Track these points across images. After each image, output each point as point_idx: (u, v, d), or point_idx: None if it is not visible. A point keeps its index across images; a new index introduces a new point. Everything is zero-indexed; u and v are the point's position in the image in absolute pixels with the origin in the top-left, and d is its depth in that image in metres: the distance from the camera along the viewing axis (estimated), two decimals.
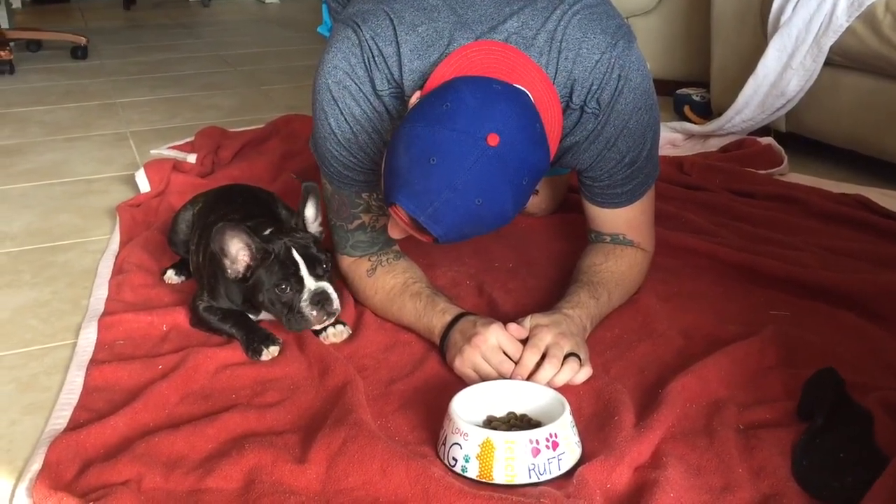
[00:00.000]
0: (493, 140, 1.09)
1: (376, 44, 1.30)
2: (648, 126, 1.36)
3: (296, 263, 1.31)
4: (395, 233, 1.25)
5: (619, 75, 1.29)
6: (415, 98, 1.23)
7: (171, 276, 1.60)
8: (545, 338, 1.23)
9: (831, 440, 1.07)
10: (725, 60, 2.48)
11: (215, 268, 1.38)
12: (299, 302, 1.31)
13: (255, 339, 1.34)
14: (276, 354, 1.33)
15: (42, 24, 4.56)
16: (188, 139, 2.46)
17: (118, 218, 1.91)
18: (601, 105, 1.30)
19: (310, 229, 1.40)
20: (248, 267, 1.33)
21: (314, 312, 1.31)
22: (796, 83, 2.18)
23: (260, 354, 1.33)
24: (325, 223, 1.46)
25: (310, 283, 1.32)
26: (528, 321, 1.27)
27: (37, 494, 1.02)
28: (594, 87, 1.28)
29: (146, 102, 3.10)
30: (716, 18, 2.49)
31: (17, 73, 3.55)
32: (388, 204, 1.17)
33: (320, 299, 1.31)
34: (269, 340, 1.34)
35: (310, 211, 1.40)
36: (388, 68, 1.31)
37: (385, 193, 1.17)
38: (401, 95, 1.33)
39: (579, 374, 1.23)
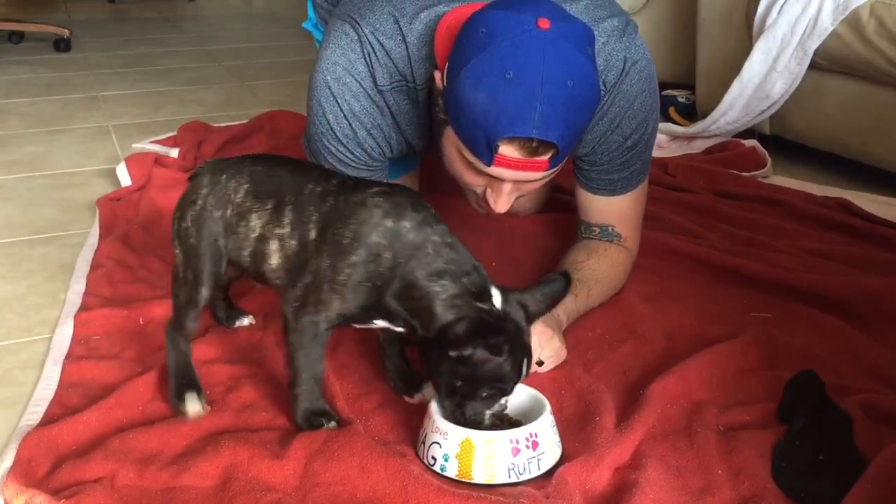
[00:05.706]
0: (545, 24, 1.10)
1: (377, 38, 1.30)
2: (651, 110, 1.39)
3: (520, 370, 1.02)
4: (501, 205, 1.24)
5: (626, 57, 1.33)
6: (438, 76, 1.22)
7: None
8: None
9: (811, 443, 1.07)
10: (711, 62, 2.48)
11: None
12: (485, 410, 1.04)
13: (313, 412, 1.12)
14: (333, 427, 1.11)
15: (24, 16, 4.50)
16: (171, 133, 2.44)
17: (98, 212, 1.89)
18: (607, 86, 1.33)
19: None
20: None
21: (486, 421, 1.05)
22: (781, 86, 2.19)
23: (317, 427, 1.10)
24: None
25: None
26: None
27: (7, 491, 1.00)
28: (601, 68, 1.31)
29: (129, 96, 3.06)
30: (702, 20, 2.49)
31: None
32: (488, 162, 1.15)
33: (501, 409, 1.07)
34: (326, 415, 1.12)
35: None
36: (392, 61, 1.31)
37: (482, 153, 1.14)
38: (405, 88, 1.33)
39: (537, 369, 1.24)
